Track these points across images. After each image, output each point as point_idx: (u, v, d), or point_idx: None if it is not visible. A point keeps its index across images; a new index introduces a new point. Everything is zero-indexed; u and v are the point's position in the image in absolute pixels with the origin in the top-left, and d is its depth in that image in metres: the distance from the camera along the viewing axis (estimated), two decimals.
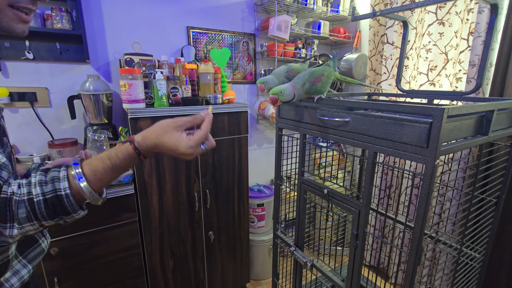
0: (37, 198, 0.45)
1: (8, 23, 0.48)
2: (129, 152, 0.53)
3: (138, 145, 0.53)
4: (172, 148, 0.53)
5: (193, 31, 1.71)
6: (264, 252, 1.93)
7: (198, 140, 0.55)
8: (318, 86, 0.84)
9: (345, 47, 2.17)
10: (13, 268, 0.55)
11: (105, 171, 0.50)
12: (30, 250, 0.60)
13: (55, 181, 0.47)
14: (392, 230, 1.80)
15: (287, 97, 0.83)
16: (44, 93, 1.39)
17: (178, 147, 0.53)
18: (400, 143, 0.66)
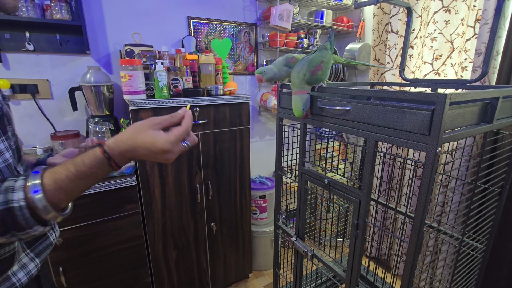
0: None
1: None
2: (97, 157, 0.45)
3: (108, 149, 0.46)
4: (148, 146, 0.46)
5: (194, 21, 1.69)
6: (266, 243, 1.95)
7: (178, 135, 0.48)
8: (319, 75, 0.82)
9: (348, 37, 2.13)
10: (21, 262, 0.54)
11: (68, 179, 0.44)
12: (37, 243, 0.59)
13: (9, 191, 0.41)
14: (394, 222, 1.80)
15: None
16: (46, 85, 1.39)
17: (155, 143, 0.46)
18: (402, 131, 0.65)
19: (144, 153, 0.47)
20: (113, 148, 0.46)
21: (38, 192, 0.41)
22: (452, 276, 0.89)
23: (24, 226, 0.41)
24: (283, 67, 0.92)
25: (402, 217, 1.13)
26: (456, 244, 0.91)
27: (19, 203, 0.41)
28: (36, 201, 0.41)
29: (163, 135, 0.48)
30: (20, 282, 0.53)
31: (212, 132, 1.48)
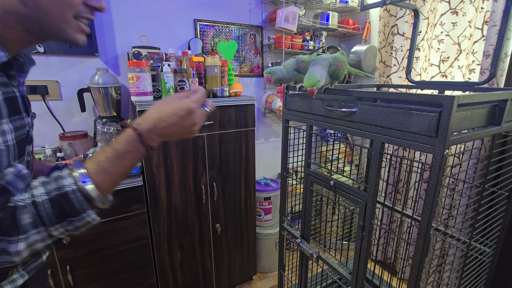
0: (41, 198, 0.42)
1: (72, 34, 0.49)
2: (128, 135, 0.48)
3: (137, 125, 0.49)
4: (174, 111, 0.50)
5: (200, 23, 1.71)
6: (270, 245, 1.94)
7: (199, 97, 0.53)
8: (340, 72, 0.83)
9: (354, 39, 2.13)
10: (11, 277, 0.54)
11: (108, 160, 0.46)
12: (31, 261, 0.59)
13: (59, 179, 0.44)
14: (400, 225, 1.78)
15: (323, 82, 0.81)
16: (55, 86, 1.42)
17: (181, 106, 0.50)
18: (409, 132, 0.65)
19: (171, 122, 0.50)
20: (141, 124, 0.49)
21: (87, 182, 0.44)
22: (459, 281, 0.88)
23: (79, 210, 0.43)
24: (293, 71, 0.93)
25: (409, 220, 1.12)
26: (463, 248, 0.90)
27: (71, 187, 0.43)
28: (87, 190, 0.43)
29: (186, 99, 0.51)
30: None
31: (218, 134, 1.49)
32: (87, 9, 0.49)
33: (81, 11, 0.48)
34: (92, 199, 0.45)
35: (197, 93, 0.54)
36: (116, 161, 0.47)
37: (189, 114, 0.51)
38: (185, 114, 0.50)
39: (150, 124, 0.49)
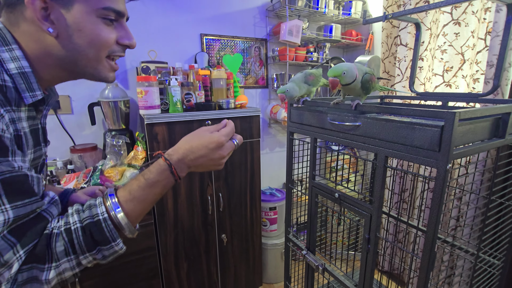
0: (74, 226, 0.43)
1: (104, 73, 0.53)
2: (160, 164, 0.51)
3: (168, 156, 0.51)
4: (205, 144, 0.52)
5: (206, 38, 1.75)
6: (276, 256, 1.93)
7: (228, 131, 0.55)
8: (372, 85, 0.81)
9: (357, 50, 2.16)
10: None
11: (140, 189, 0.48)
12: None
13: (92, 207, 0.46)
14: (407, 235, 1.76)
15: (349, 78, 0.76)
16: (67, 100, 1.47)
17: (211, 139, 0.52)
18: (412, 146, 0.66)
19: (201, 154, 0.52)
20: (172, 155, 0.52)
21: (117, 210, 0.46)
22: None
23: (109, 238, 0.45)
24: (303, 84, 0.94)
25: (415, 230, 1.11)
26: (471, 260, 0.90)
27: (103, 216, 0.44)
28: (118, 218, 0.45)
29: (216, 133, 0.54)
30: None
31: None
32: (119, 48, 0.53)
33: (113, 50, 0.52)
34: (121, 228, 0.46)
35: (226, 127, 0.56)
36: (148, 190, 0.49)
37: (219, 148, 0.53)
38: (214, 147, 0.53)
39: (181, 155, 0.52)
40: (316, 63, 1.98)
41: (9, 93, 0.44)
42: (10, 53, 0.46)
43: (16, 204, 0.40)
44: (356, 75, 0.78)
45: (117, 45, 0.52)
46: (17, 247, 0.39)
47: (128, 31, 0.54)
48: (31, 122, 0.50)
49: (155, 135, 1.32)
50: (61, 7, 0.45)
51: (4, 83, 0.44)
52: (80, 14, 0.46)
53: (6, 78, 0.44)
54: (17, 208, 0.40)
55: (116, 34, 0.51)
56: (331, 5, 1.87)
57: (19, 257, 0.39)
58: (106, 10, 0.48)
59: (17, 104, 0.46)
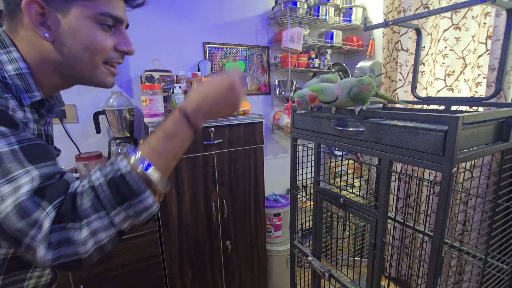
0: (98, 181, 0.41)
1: (102, 78, 0.53)
2: (175, 116, 0.49)
3: (182, 107, 0.50)
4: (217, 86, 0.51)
5: (209, 46, 1.78)
6: (281, 263, 1.92)
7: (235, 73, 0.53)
8: (365, 94, 0.80)
9: (358, 55, 2.17)
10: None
11: (160, 141, 0.47)
12: None
13: (114, 164, 0.44)
14: (413, 241, 1.74)
15: (328, 96, 0.78)
16: (72, 109, 1.49)
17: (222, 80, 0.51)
18: (416, 151, 0.66)
19: (215, 98, 0.51)
20: (186, 104, 0.50)
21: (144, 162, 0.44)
22: None
23: (136, 191, 0.42)
24: None
25: (421, 235, 1.10)
26: (479, 265, 0.89)
27: (126, 169, 0.42)
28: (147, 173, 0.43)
29: (225, 75, 0.52)
30: None
31: (227, 152, 1.52)
32: (117, 54, 0.53)
33: (111, 57, 0.52)
34: (150, 181, 0.44)
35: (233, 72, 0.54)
36: (167, 142, 0.47)
37: (232, 88, 0.51)
38: (227, 88, 0.51)
39: (195, 105, 0.50)
40: (318, 69, 2.00)
41: (10, 89, 0.45)
42: (8, 55, 0.47)
43: (39, 165, 0.40)
44: (338, 95, 0.79)
45: (115, 51, 0.52)
46: (44, 203, 0.38)
47: (127, 38, 0.54)
48: (36, 126, 0.50)
49: None
50: (58, 12, 0.46)
51: (5, 80, 0.45)
52: (76, 19, 0.47)
53: (5, 75, 0.46)
54: (40, 168, 0.40)
55: (114, 40, 0.51)
56: (332, 12, 1.89)
57: (48, 213, 0.38)
58: (103, 16, 0.48)
59: (21, 103, 0.47)
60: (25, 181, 0.38)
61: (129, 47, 0.54)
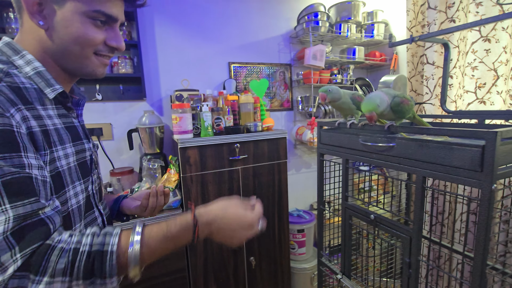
0: (83, 248, 0.42)
1: (92, 68, 0.55)
2: (187, 221, 0.50)
3: (198, 215, 0.50)
4: (237, 219, 0.52)
5: (234, 65, 1.86)
6: (305, 281, 1.87)
7: (259, 214, 0.55)
8: (405, 108, 0.78)
9: (381, 70, 2.17)
10: None
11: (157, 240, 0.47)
12: None
13: (107, 235, 0.45)
14: (447, 261, 1.64)
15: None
16: (108, 128, 1.60)
17: (246, 216, 0.53)
18: (451, 167, 0.65)
19: (230, 227, 0.52)
20: (202, 215, 0.51)
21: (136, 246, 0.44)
22: None
23: (106, 273, 0.43)
24: (348, 97, 0.93)
25: (457, 256, 1.04)
26: None
27: (112, 248, 0.43)
28: (130, 254, 0.44)
29: (251, 213, 0.54)
30: None
31: (252, 167, 1.55)
32: (106, 48, 0.55)
33: (100, 49, 0.54)
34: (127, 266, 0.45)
35: (258, 210, 0.56)
36: (165, 242, 0.48)
37: (248, 229, 0.53)
38: (246, 226, 0.53)
39: (210, 219, 0.51)
40: (340, 85, 2.01)
41: (27, 94, 0.48)
42: (23, 59, 0.51)
43: (16, 204, 0.40)
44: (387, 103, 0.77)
45: (105, 45, 0.54)
46: (15, 249, 0.39)
47: (118, 34, 0.56)
48: (64, 120, 0.55)
49: (188, 158, 1.39)
50: (54, 3, 0.49)
51: (23, 85, 0.48)
52: (70, 12, 0.49)
53: (23, 80, 0.49)
54: (16, 208, 0.40)
55: (105, 36, 0.54)
56: (353, 29, 1.92)
57: (15, 260, 0.39)
58: (96, 13, 0.51)
59: (42, 103, 0.51)
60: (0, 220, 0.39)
61: (119, 44, 0.56)
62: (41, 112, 0.50)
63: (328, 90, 0.91)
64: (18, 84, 0.48)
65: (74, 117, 0.61)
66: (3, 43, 0.52)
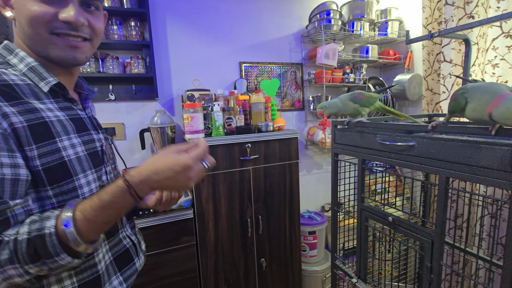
0: (22, 237, 0.44)
1: (57, 52, 0.53)
2: (118, 185, 0.47)
3: (129, 177, 0.48)
4: (170, 165, 0.48)
5: (245, 65, 1.85)
6: (316, 284, 1.83)
7: (198, 153, 0.51)
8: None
9: (395, 69, 2.11)
10: (111, 284, 0.60)
11: (92, 209, 0.46)
12: (126, 267, 0.64)
13: (44, 220, 0.45)
14: (466, 266, 1.57)
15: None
16: (121, 127, 1.61)
17: (178, 160, 0.48)
18: (478, 167, 0.61)
19: (166, 176, 0.49)
20: (134, 176, 0.48)
21: (69, 226, 0.45)
22: None
23: (52, 253, 0.44)
24: (348, 101, 0.93)
25: (478, 262, 0.99)
26: None
27: (49, 230, 0.44)
28: (67, 234, 0.44)
29: (184, 154, 0.50)
30: None
31: (263, 167, 1.53)
32: (62, 25, 0.52)
33: (57, 27, 0.51)
34: (71, 245, 0.45)
35: (197, 148, 0.52)
36: (99, 211, 0.47)
37: (185, 170, 0.49)
38: (181, 169, 0.49)
39: (143, 177, 0.48)
40: (353, 84, 1.98)
41: (18, 90, 0.49)
42: (16, 57, 0.53)
43: None
44: None
45: (59, 21, 0.51)
46: None
47: (71, 7, 0.51)
48: (67, 112, 0.56)
49: None
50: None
51: (13, 82, 0.50)
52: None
53: (13, 78, 0.50)
54: None
55: (55, 10, 0.50)
56: (367, 27, 1.88)
57: None
58: None
59: (37, 97, 0.52)
60: None
61: (69, 13, 0.51)
62: (37, 106, 0.51)
63: (324, 106, 0.95)
64: (8, 82, 0.49)
65: (80, 109, 0.62)
66: (2, 46, 0.54)
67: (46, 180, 0.50)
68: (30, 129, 0.49)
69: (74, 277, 0.54)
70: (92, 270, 0.56)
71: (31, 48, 0.54)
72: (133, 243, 0.69)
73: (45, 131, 0.51)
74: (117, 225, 0.65)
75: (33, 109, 0.50)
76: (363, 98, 0.91)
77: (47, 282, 0.51)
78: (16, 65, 0.53)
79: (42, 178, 0.50)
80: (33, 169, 0.49)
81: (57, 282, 0.52)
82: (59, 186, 0.52)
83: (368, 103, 0.91)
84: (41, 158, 0.50)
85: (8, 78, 0.50)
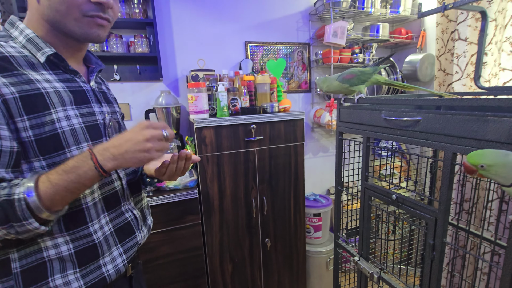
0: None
1: (85, 29, 0.56)
2: (82, 153, 0.51)
3: (93, 147, 0.51)
4: (129, 138, 0.51)
5: (251, 45, 1.81)
6: (321, 265, 1.86)
7: (156, 124, 0.54)
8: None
9: (407, 48, 2.03)
10: (112, 254, 0.62)
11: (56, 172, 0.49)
12: (127, 239, 0.66)
13: (13, 186, 0.47)
14: (473, 249, 1.56)
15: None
16: (126, 108, 1.62)
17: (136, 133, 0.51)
18: (485, 141, 0.59)
19: (125, 138, 0.51)
20: (97, 147, 0.51)
21: (31, 193, 0.47)
22: None
23: (20, 217, 0.46)
24: (334, 81, 0.95)
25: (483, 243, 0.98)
26: None
27: (19, 195, 0.46)
28: (30, 203, 0.47)
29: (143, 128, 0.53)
30: (108, 273, 0.61)
31: (268, 148, 1.53)
32: (93, 6, 0.55)
33: (87, 9, 0.54)
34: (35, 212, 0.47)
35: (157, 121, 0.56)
36: (63, 175, 0.49)
37: (142, 129, 0.52)
38: (138, 129, 0.52)
39: (107, 145, 0.51)
40: (362, 64, 1.92)
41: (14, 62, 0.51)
42: (17, 30, 0.55)
43: None
44: None
45: (91, 3, 0.54)
46: None
47: None
48: (67, 84, 0.57)
49: (204, 138, 1.39)
50: None
51: (9, 54, 0.51)
52: None
53: (10, 50, 0.52)
54: None
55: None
56: (378, 4, 1.80)
57: None
58: None
59: (33, 68, 0.53)
60: None
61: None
62: (33, 77, 0.52)
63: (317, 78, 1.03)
64: (4, 54, 0.51)
65: (84, 81, 0.62)
66: (8, 20, 0.57)
67: (38, 151, 0.52)
68: (23, 100, 0.50)
69: (70, 244, 0.56)
70: (87, 239, 0.58)
71: (53, 22, 0.55)
72: (135, 217, 0.71)
73: (39, 102, 0.52)
74: (119, 198, 0.66)
75: (28, 80, 0.52)
76: (352, 78, 0.88)
77: (44, 246, 0.54)
78: (17, 37, 0.55)
79: (35, 149, 0.52)
80: (25, 139, 0.51)
81: (54, 247, 0.54)
82: (51, 157, 0.53)
83: (360, 80, 0.89)
84: (33, 129, 0.51)
85: (4, 51, 0.51)
